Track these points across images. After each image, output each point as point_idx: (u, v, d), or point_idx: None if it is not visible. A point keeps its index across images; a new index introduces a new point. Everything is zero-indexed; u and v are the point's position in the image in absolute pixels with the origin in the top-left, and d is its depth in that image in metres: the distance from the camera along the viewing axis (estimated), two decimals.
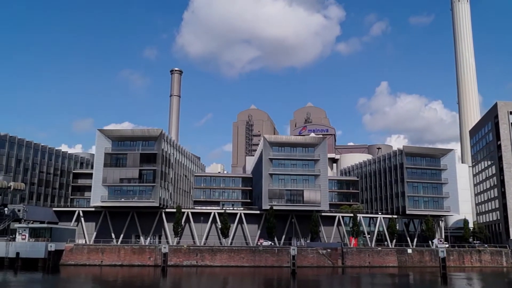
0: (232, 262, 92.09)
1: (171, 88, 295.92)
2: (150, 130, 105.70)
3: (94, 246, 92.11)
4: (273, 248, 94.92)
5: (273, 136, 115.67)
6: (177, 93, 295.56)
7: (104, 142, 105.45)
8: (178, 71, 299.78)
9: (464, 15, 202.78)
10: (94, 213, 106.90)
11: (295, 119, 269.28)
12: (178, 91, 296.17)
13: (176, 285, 70.61)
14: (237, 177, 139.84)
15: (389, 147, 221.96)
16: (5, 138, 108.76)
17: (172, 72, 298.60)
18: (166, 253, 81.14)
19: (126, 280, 73.49)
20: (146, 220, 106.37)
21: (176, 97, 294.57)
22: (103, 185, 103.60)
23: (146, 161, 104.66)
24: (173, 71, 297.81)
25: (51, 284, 69.47)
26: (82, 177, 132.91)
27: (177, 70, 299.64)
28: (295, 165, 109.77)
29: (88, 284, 69.68)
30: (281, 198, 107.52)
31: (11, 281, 67.65)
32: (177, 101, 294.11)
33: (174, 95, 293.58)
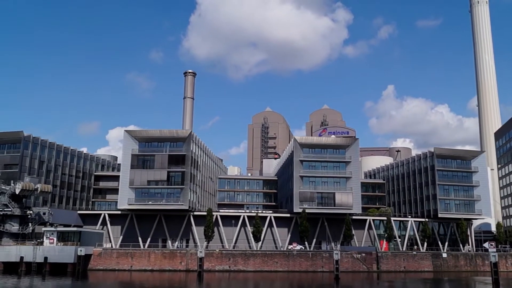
0: (265, 267, 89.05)
1: (185, 90, 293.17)
2: (179, 131, 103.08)
3: (124, 250, 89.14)
4: (307, 253, 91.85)
5: (304, 138, 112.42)
6: (190, 95, 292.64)
7: (131, 143, 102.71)
8: (192, 73, 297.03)
9: (484, 17, 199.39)
10: (120, 216, 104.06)
11: (311, 122, 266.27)
12: (191, 93, 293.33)
13: None
14: (262, 180, 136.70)
15: (408, 150, 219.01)
16: (28, 139, 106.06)
17: (185, 74, 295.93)
18: (202, 257, 78.03)
19: (164, 286, 70.62)
20: (173, 223, 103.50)
21: (190, 99, 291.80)
22: (130, 188, 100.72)
23: (175, 162, 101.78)
24: (187, 73, 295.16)
25: None
26: (103, 179, 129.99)
27: (190, 72, 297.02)
28: (326, 167, 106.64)
29: None
30: (311, 201, 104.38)
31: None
32: (191, 103, 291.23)
33: (188, 97, 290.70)
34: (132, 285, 72.90)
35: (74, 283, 72.86)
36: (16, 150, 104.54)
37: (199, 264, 77.92)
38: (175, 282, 75.48)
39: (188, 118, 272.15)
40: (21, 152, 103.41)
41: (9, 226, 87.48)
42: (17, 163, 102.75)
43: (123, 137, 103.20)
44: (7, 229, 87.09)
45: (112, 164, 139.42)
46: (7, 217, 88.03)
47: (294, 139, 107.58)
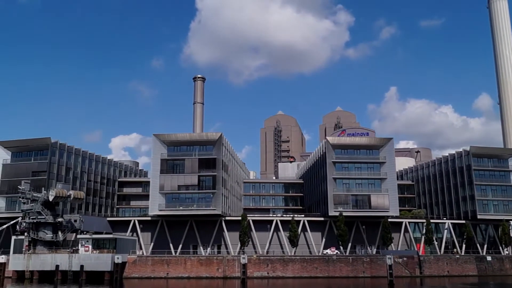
0: (304, 273, 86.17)
1: (194, 96, 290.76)
2: (209, 134, 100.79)
3: (159, 257, 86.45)
4: (347, 257, 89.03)
5: (337, 138, 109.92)
6: (200, 100, 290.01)
7: (160, 148, 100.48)
8: (201, 78, 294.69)
9: (503, 13, 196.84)
10: (150, 222, 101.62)
11: (324, 124, 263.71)
12: (201, 98, 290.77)
13: None
14: (288, 183, 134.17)
15: (427, 151, 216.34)
16: (55, 146, 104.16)
17: (194, 79, 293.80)
18: (246, 264, 75.42)
19: None
20: (205, 229, 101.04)
21: (200, 105, 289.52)
22: (160, 193, 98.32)
23: (205, 166, 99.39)
24: (196, 78, 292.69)
25: None
26: (127, 185, 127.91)
27: (199, 77, 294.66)
28: (359, 168, 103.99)
29: None
30: (346, 203, 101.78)
31: None
32: (201, 109, 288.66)
33: (198, 102, 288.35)
34: None
35: None
36: (43, 157, 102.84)
37: (242, 270, 75.31)
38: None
39: (198, 124, 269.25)
40: (49, 159, 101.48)
41: (43, 234, 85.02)
42: (45, 170, 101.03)
43: (152, 142, 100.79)
44: (41, 237, 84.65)
45: (134, 170, 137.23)
46: (41, 224, 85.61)
47: (326, 140, 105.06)
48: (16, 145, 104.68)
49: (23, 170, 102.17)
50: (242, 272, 75.64)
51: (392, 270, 71.58)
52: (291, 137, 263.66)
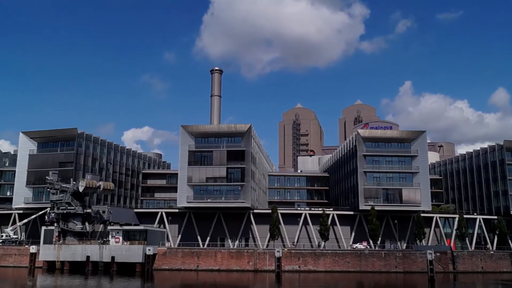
0: (336, 267, 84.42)
1: (212, 88, 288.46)
2: (237, 126, 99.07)
3: (189, 249, 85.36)
4: (380, 252, 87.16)
5: (368, 131, 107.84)
6: (217, 93, 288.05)
7: (187, 139, 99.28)
8: (218, 71, 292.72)
9: None
10: (177, 214, 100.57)
11: (344, 117, 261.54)
12: (219, 91, 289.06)
13: None
14: (313, 177, 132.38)
15: (451, 145, 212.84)
16: (82, 136, 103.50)
17: (212, 71, 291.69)
18: (280, 257, 73.98)
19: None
20: (232, 222, 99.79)
21: (217, 97, 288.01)
22: (188, 185, 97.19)
23: (234, 158, 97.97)
24: (213, 71, 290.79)
25: None
26: (151, 177, 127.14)
27: (217, 69, 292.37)
28: (390, 161, 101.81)
29: None
30: (376, 197, 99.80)
31: None
32: (218, 101, 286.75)
33: (215, 95, 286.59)
34: (219, 286, 68.61)
35: (145, 284, 69.31)
36: (70, 148, 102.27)
37: (276, 264, 73.81)
38: (250, 283, 71.60)
39: (216, 117, 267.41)
40: (76, 150, 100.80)
41: (72, 225, 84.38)
42: (72, 161, 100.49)
43: (179, 133, 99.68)
44: (71, 228, 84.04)
45: (158, 162, 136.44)
46: (70, 215, 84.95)
47: (357, 133, 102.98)
48: (43, 136, 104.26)
49: (50, 161, 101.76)
50: (276, 266, 74.10)
51: (433, 266, 69.48)
52: (310, 131, 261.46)
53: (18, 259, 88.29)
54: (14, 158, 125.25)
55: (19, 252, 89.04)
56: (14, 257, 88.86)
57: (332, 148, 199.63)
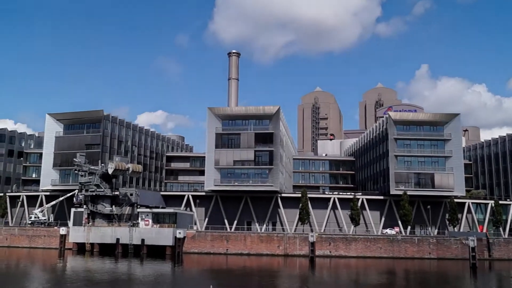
0: (368, 253, 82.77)
1: (229, 71, 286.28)
2: (265, 108, 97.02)
3: (219, 233, 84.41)
4: (413, 238, 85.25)
5: (399, 114, 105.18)
6: (235, 76, 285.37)
7: (214, 122, 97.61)
8: (236, 54, 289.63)
9: None
10: (204, 197, 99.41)
11: (364, 101, 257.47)
12: (236, 74, 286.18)
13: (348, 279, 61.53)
14: (338, 161, 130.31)
15: (476, 129, 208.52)
16: (108, 118, 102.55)
17: (229, 54, 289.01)
18: (314, 242, 72.56)
19: (283, 272, 65.36)
20: (260, 205, 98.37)
21: (235, 81, 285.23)
22: (215, 168, 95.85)
23: (262, 141, 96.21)
24: (231, 54, 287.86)
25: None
26: (175, 160, 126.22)
27: (234, 52, 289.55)
28: (422, 145, 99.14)
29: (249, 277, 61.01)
30: (407, 182, 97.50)
31: (144, 275, 58.00)
32: (236, 85, 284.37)
33: (233, 78, 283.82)
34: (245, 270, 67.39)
35: (175, 267, 68.28)
36: (96, 130, 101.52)
37: (310, 249, 72.52)
38: (282, 269, 70.25)
39: (233, 100, 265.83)
40: (102, 132, 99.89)
41: (101, 207, 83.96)
42: (98, 143, 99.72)
43: (207, 116, 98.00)
44: (100, 210, 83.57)
45: (181, 145, 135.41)
46: (99, 197, 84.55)
47: (388, 116, 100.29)
48: (69, 118, 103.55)
49: (76, 143, 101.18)
50: (310, 251, 72.74)
51: (475, 253, 67.45)
52: (329, 114, 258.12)
53: (47, 240, 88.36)
54: (39, 141, 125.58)
55: (48, 234, 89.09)
56: (43, 238, 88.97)
57: (354, 131, 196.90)
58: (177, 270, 66.32)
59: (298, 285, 52.69)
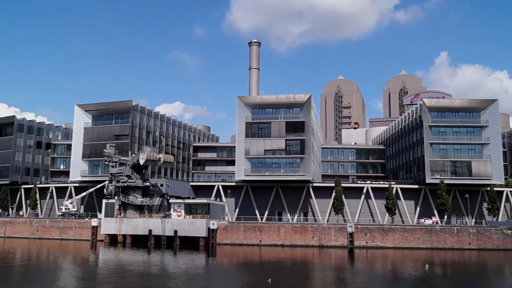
0: (405, 243, 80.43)
1: (250, 61, 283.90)
2: (296, 96, 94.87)
3: (251, 224, 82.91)
4: (452, 228, 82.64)
5: (434, 100, 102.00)
6: (256, 66, 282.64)
7: (244, 111, 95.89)
8: (257, 43, 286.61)
9: None
10: (234, 187, 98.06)
11: (388, 89, 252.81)
12: (257, 64, 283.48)
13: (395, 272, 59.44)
14: (368, 149, 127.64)
15: (505, 116, 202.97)
16: (136, 109, 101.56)
17: (250, 44, 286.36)
18: (352, 232, 70.54)
19: (324, 264, 63.53)
20: (291, 195, 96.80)
21: (256, 70, 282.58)
22: (245, 158, 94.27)
23: (292, 130, 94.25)
24: (251, 43, 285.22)
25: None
26: (201, 150, 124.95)
27: (255, 42, 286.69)
28: (458, 132, 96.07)
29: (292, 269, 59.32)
30: (442, 170, 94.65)
31: (178, 268, 56.61)
32: (257, 74, 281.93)
33: (254, 68, 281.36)
34: (291, 262, 65.57)
35: (209, 259, 66.91)
36: (124, 120, 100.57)
37: (349, 240, 70.55)
38: (318, 260, 68.47)
39: (254, 90, 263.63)
40: (131, 122, 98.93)
41: (133, 198, 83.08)
42: (127, 134, 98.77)
43: (236, 104, 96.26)
44: (132, 201, 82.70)
45: (207, 135, 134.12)
46: (130, 188, 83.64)
47: (422, 102, 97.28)
48: (97, 109, 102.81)
49: (105, 134, 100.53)
50: (349, 242, 70.81)
51: None
52: (353, 103, 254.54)
53: (78, 232, 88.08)
54: (66, 132, 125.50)
55: (79, 225, 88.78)
56: (74, 230, 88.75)
57: (381, 120, 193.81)
58: (212, 262, 64.99)
59: (350, 277, 50.65)
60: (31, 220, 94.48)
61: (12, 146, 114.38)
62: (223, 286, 42.86)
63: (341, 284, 45.72)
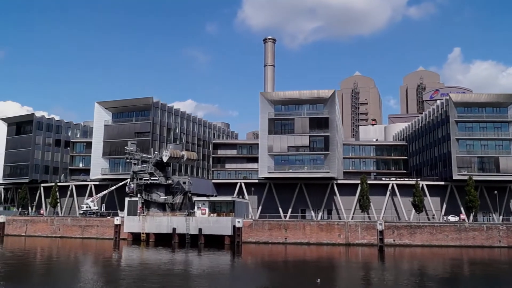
0: (434, 241, 78.53)
1: (265, 58, 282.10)
2: (320, 92, 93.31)
3: (276, 222, 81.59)
4: (481, 225, 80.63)
5: (460, 95, 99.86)
6: (271, 63, 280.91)
7: (266, 107, 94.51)
8: (272, 40, 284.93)
9: None
10: (257, 185, 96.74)
11: (405, 85, 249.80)
12: (272, 61, 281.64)
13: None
14: (390, 146, 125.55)
15: None
16: (157, 106, 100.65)
17: (265, 41, 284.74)
18: (382, 230, 68.90)
19: (355, 263, 62.08)
20: (314, 193, 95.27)
21: (271, 67, 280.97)
22: (268, 154, 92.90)
23: (316, 126, 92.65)
24: (266, 40, 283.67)
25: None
26: (221, 147, 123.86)
27: (270, 38, 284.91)
28: (485, 128, 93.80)
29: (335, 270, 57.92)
30: (469, 166, 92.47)
31: (204, 267, 55.49)
32: (272, 71, 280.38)
33: (269, 64, 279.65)
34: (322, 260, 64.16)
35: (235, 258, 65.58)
36: (145, 118, 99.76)
37: (379, 238, 68.95)
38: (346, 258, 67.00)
39: (269, 87, 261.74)
40: (152, 119, 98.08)
41: (156, 196, 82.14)
42: (148, 131, 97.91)
43: (259, 101, 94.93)
44: (155, 199, 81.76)
45: (226, 132, 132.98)
46: (153, 186, 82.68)
47: (449, 97, 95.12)
48: (117, 106, 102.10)
49: (126, 131, 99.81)
50: (379, 239, 69.22)
51: None
52: (369, 99, 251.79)
53: (100, 230, 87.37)
54: (85, 130, 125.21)
55: (101, 224, 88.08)
56: (96, 228, 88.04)
57: (400, 116, 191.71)
58: (238, 261, 63.69)
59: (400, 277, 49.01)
60: (52, 218, 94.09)
61: (32, 144, 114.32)
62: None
63: (398, 285, 44.03)
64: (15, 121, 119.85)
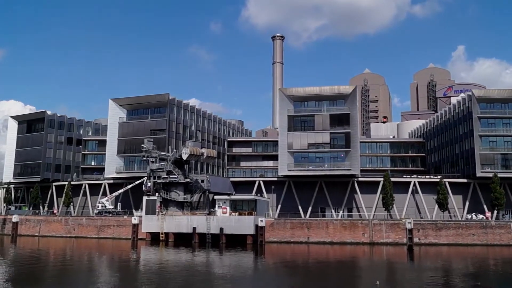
0: (460, 240, 76.44)
1: (273, 55, 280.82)
2: (341, 88, 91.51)
3: (299, 220, 79.79)
4: (508, 223, 78.55)
5: (483, 91, 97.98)
6: (279, 60, 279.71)
7: (286, 104, 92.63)
8: (280, 37, 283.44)
9: None
10: (276, 183, 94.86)
11: (415, 82, 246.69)
12: (280, 58, 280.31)
13: None
14: (407, 143, 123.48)
15: None
16: (173, 102, 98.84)
17: (273, 38, 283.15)
18: (411, 229, 66.96)
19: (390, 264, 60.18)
20: (335, 191, 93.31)
21: (279, 65, 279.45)
22: (288, 152, 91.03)
23: (337, 123, 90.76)
24: (275, 37, 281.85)
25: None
26: (236, 145, 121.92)
27: (279, 36, 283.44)
28: (508, 124, 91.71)
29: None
30: (493, 164, 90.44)
31: (227, 268, 53.64)
32: (280, 69, 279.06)
33: (277, 62, 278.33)
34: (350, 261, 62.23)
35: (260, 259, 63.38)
36: (161, 115, 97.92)
37: (408, 237, 67.00)
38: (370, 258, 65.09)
39: (278, 84, 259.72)
40: (168, 117, 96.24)
41: (175, 195, 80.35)
42: (164, 128, 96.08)
43: (278, 97, 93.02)
44: (174, 198, 79.93)
45: (241, 130, 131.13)
46: (172, 185, 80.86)
47: (472, 93, 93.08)
48: (132, 103, 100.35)
49: (141, 129, 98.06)
50: (408, 239, 67.31)
51: None
52: (379, 97, 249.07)
53: (117, 230, 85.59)
54: (96, 128, 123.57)
55: (118, 223, 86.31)
56: (113, 228, 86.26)
57: (413, 113, 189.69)
58: (262, 262, 61.57)
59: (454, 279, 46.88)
60: (66, 218, 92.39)
61: (43, 142, 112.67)
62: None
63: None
64: (26, 119, 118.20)
